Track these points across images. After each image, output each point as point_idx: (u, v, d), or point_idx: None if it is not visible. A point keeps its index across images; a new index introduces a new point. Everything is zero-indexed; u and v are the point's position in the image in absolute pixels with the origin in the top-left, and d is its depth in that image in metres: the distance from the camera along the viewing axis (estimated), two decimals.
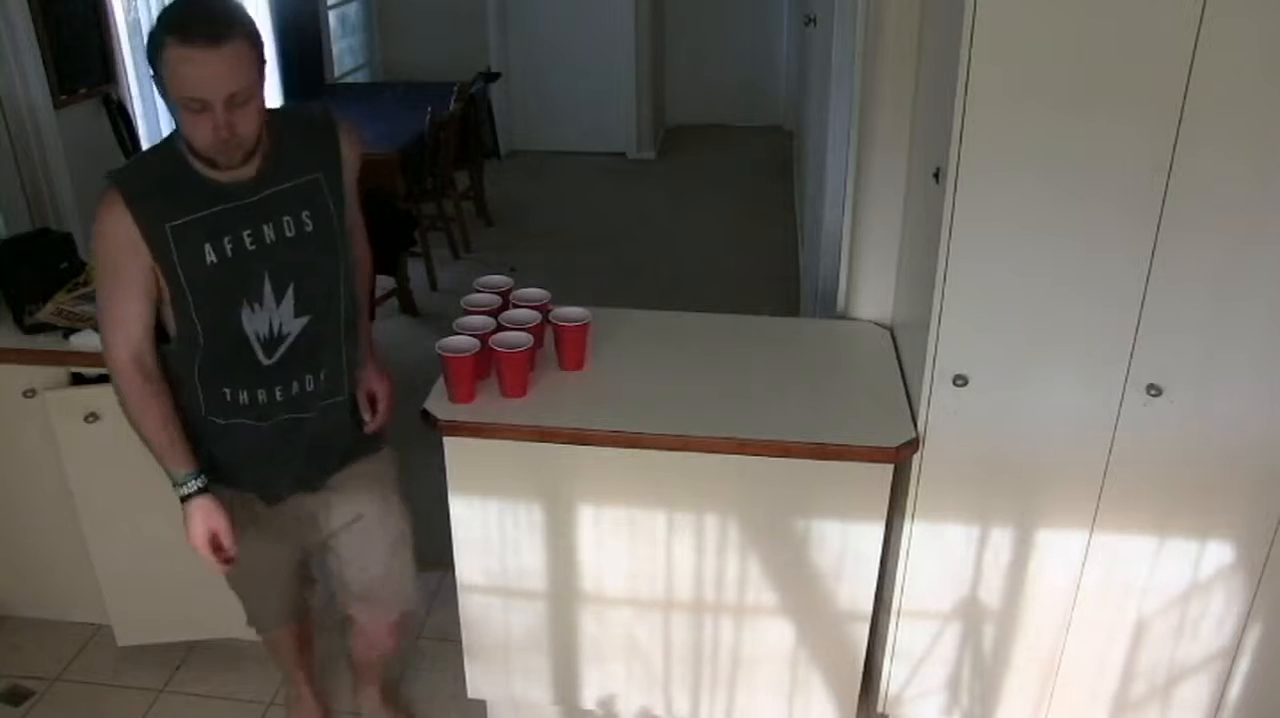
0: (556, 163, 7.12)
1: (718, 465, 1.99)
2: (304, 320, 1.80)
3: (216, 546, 1.84)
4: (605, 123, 7.16)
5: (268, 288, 1.75)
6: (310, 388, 1.85)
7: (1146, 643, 2.09)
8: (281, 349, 1.80)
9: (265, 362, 1.79)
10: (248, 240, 1.71)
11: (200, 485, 1.81)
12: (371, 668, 2.32)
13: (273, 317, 1.77)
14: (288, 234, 1.74)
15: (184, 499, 1.81)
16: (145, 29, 3.95)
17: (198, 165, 1.67)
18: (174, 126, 1.68)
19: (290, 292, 1.77)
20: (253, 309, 1.75)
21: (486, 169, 5.87)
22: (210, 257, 1.69)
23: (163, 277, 1.69)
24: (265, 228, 1.72)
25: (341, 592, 2.11)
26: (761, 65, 7.67)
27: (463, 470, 2.07)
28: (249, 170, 1.69)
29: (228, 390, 1.81)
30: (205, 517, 1.82)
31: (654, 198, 6.45)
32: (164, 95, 1.61)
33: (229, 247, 1.70)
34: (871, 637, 2.17)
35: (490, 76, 5.89)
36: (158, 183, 1.69)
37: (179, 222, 1.67)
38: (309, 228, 1.76)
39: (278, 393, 1.82)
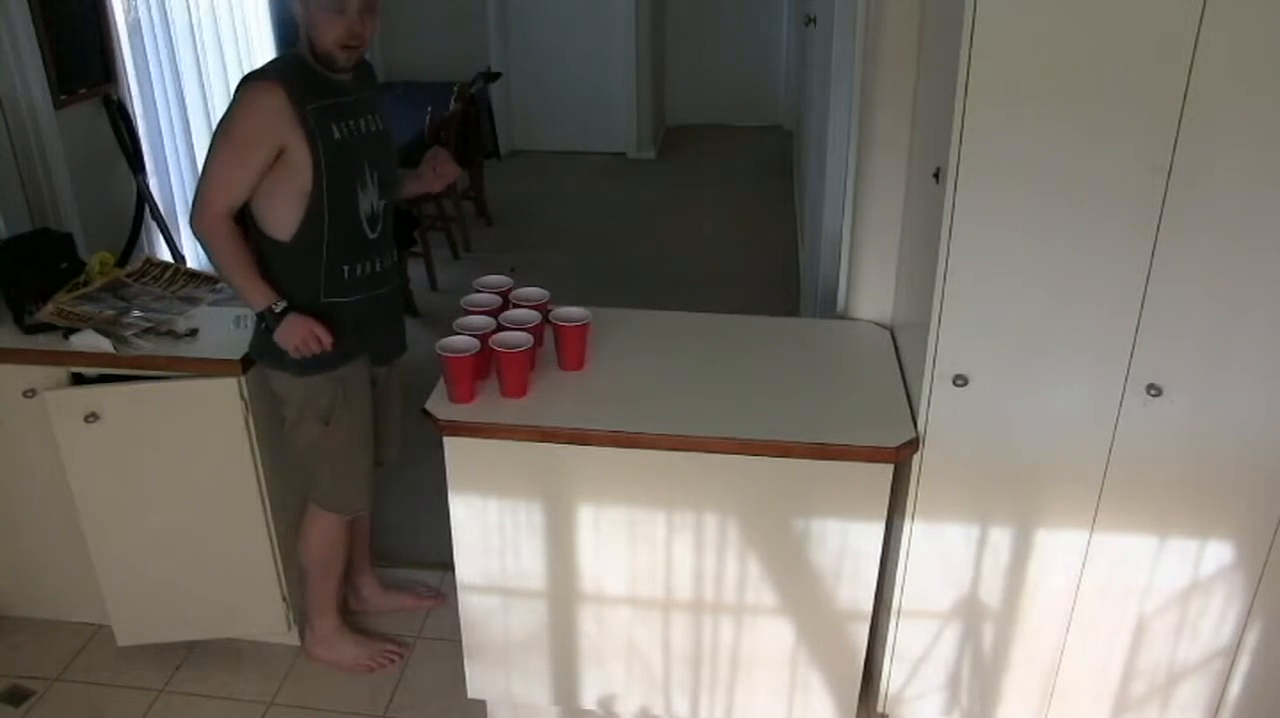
0: (556, 163, 7.12)
1: (718, 465, 1.99)
2: (383, 204, 2.23)
3: (314, 342, 2.15)
4: (605, 123, 7.17)
5: (367, 170, 2.16)
6: (390, 263, 2.29)
7: (1147, 643, 2.09)
8: (379, 226, 2.22)
9: (371, 235, 2.20)
10: (354, 127, 2.12)
11: (286, 305, 2.13)
12: (366, 547, 2.71)
13: (372, 196, 2.18)
14: (373, 129, 2.18)
15: (279, 316, 2.12)
16: (145, 29, 3.96)
17: (318, 67, 2.07)
18: (281, 54, 2.19)
19: (376, 176, 2.19)
20: (362, 188, 2.15)
21: (486, 169, 5.87)
22: (336, 134, 2.08)
23: (306, 151, 2.04)
24: (362, 120, 2.15)
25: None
26: (761, 65, 7.68)
27: (463, 471, 2.07)
28: (349, 76, 2.12)
29: (346, 268, 2.18)
30: (300, 321, 2.13)
31: (654, 198, 6.45)
32: (305, 7, 2.02)
33: (347, 129, 2.10)
34: (871, 637, 2.17)
35: (490, 76, 5.89)
36: (297, 76, 2.06)
37: (315, 105, 2.05)
38: (381, 127, 2.21)
39: (377, 264, 2.24)
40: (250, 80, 2.07)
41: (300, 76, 2.05)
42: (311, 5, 2.01)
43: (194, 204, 2.10)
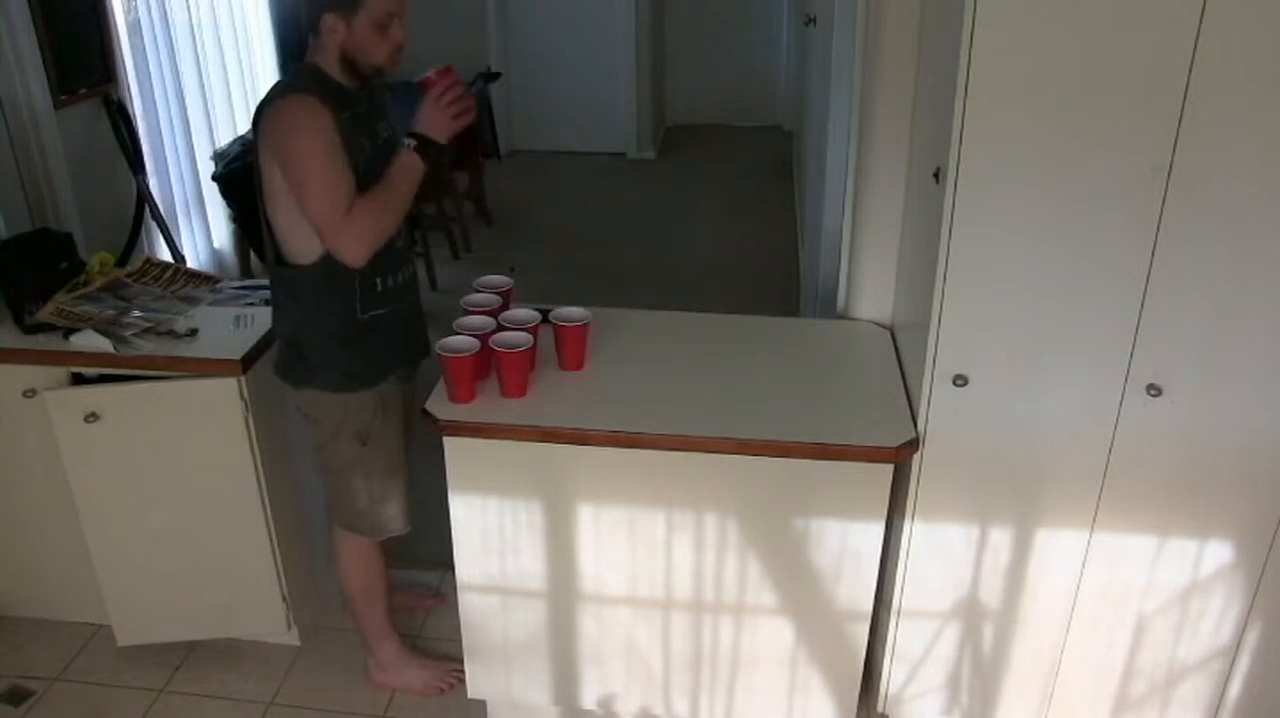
0: (556, 163, 7.12)
1: (718, 465, 1.99)
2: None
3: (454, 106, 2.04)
4: (605, 123, 7.17)
5: None
6: (411, 273, 2.24)
7: (1146, 642, 2.09)
8: (401, 234, 2.16)
9: (397, 244, 2.14)
10: (375, 136, 2.07)
11: (408, 133, 2.03)
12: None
13: None
14: (386, 135, 2.11)
15: (421, 143, 2.02)
16: (145, 29, 3.96)
17: (336, 77, 2.01)
18: (287, 75, 2.09)
19: None
20: None
21: (486, 169, 5.87)
22: (366, 145, 2.03)
23: (349, 162, 1.96)
24: (378, 127, 2.09)
25: None
26: (761, 65, 7.68)
27: (463, 471, 2.07)
28: (358, 85, 2.05)
29: (379, 279, 2.12)
30: (430, 111, 2.03)
31: (654, 198, 6.45)
32: (349, 25, 1.94)
33: (371, 139, 2.05)
34: (871, 637, 2.17)
35: (490, 76, 5.89)
36: (322, 90, 1.97)
37: (344, 115, 1.98)
38: (391, 133, 2.13)
39: (401, 276, 2.18)
40: (286, 98, 1.95)
41: (326, 90, 1.97)
42: (358, 28, 1.94)
43: (325, 236, 1.96)
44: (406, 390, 2.33)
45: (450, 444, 2.05)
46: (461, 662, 2.32)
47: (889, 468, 1.97)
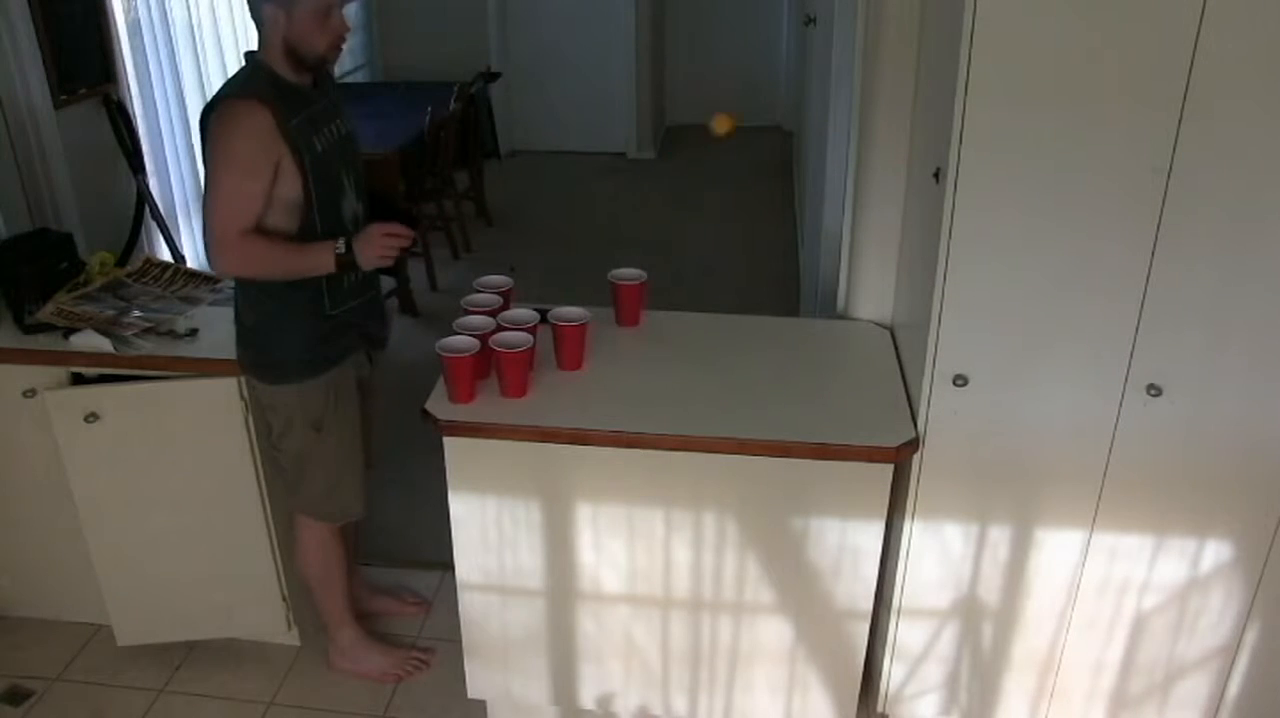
0: (556, 163, 7.12)
1: (718, 465, 1.99)
2: (360, 207, 2.20)
3: (394, 242, 2.08)
4: (605, 123, 7.17)
5: (344, 176, 2.12)
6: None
7: (1146, 641, 2.09)
8: (360, 228, 2.15)
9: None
10: (330, 135, 2.08)
11: (345, 241, 2.05)
12: (352, 548, 2.63)
13: (351, 201, 2.16)
14: (342, 132, 2.13)
15: (347, 253, 2.05)
16: (145, 29, 3.96)
17: (286, 75, 2.01)
18: (246, 68, 2.05)
19: (352, 181, 2.16)
20: (344, 195, 2.12)
21: (486, 169, 5.87)
22: (318, 145, 2.03)
23: (295, 167, 1.99)
24: (333, 125, 2.10)
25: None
26: (761, 65, 7.67)
27: (462, 470, 2.07)
28: (310, 81, 2.06)
29: (346, 277, 2.15)
30: (371, 238, 2.05)
31: (654, 198, 6.45)
32: (289, 16, 1.94)
33: (325, 138, 2.06)
34: (871, 636, 2.17)
35: (490, 76, 5.89)
36: (272, 92, 1.98)
37: (295, 119, 1.99)
38: (347, 129, 2.16)
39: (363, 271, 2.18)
40: (229, 100, 1.98)
41: (275, 92, 1.98)
42: (298, 15, 1.95)
43: (207, 244, 1.99)
44: (362, 378, 2.36)
45: (450, 444, 2.05)
46: (425, 651, 2.40)
47: (889, 468, 1.97)
